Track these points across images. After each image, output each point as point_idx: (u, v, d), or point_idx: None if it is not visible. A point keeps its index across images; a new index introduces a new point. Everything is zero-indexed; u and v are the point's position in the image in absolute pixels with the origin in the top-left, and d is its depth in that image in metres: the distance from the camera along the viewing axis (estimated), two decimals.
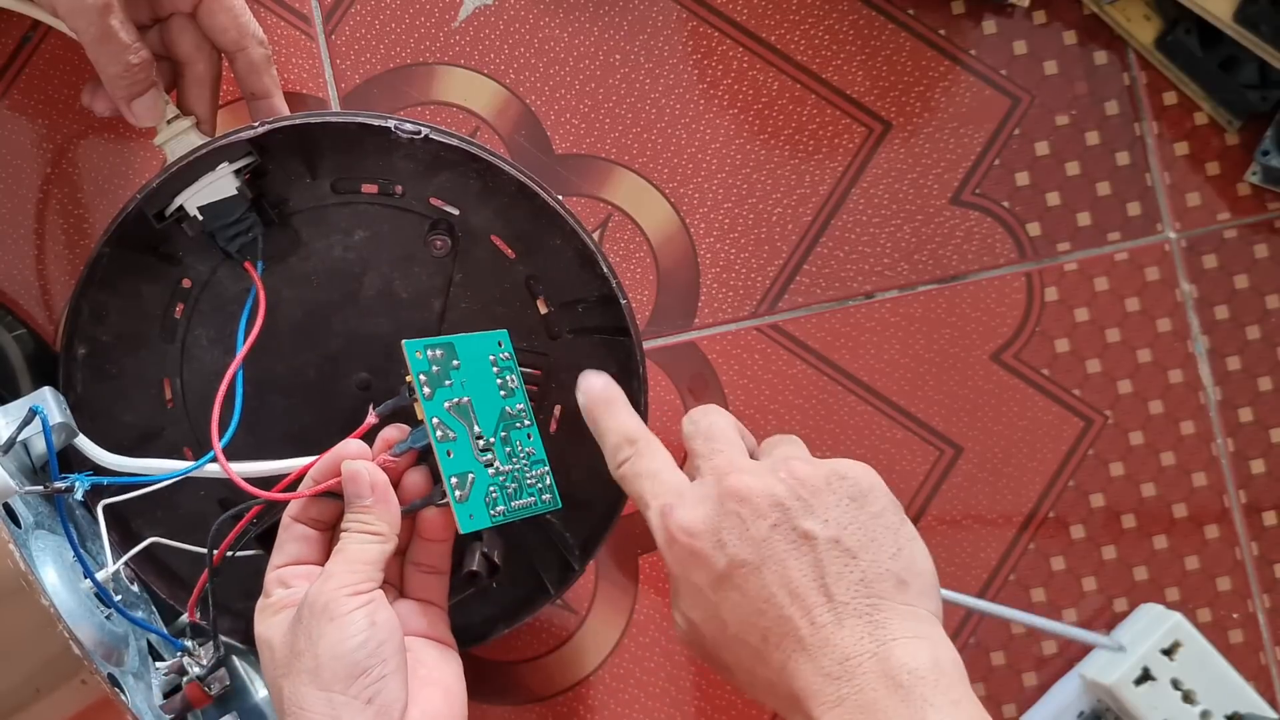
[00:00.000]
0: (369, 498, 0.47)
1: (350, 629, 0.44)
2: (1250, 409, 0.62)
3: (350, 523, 0.47)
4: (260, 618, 0.47)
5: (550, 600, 0.55)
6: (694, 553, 0.45)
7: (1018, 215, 0.62)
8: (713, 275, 0.62)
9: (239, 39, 0.54)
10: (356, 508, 0.47)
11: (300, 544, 0.48)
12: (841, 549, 0.43)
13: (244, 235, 0.51)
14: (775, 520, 0.43)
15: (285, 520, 0.48)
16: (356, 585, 0.45)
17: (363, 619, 0.44)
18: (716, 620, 0.44)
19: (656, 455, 0.49)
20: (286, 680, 0.44)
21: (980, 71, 0.62)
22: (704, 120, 0.62)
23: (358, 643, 0.43)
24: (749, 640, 0.43)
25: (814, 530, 0.43)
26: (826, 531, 0.43)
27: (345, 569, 0.45)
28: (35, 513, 0.50)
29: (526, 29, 0.62)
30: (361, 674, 0.43)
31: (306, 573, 0.47)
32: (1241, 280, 0.62)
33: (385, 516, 0.47)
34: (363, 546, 0.46)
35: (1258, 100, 0.61)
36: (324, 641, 0.43)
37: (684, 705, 0.61)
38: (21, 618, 0.43)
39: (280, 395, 0.54)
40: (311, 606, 0.44)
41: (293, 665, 0.44)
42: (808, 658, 0.41)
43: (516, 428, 0.50)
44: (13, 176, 0.61)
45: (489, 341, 0.51)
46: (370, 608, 0.44)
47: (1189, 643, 0.58)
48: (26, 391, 0.55)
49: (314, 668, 0.43)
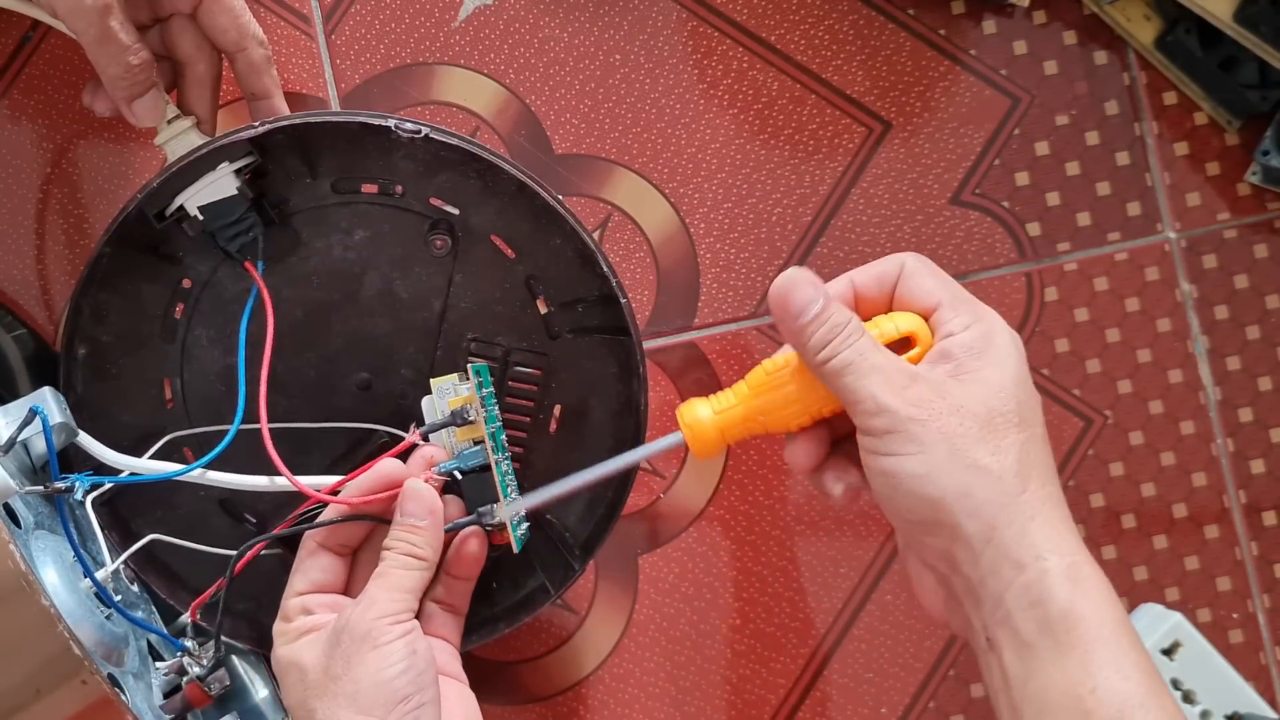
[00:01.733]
0: (425, 520, 0.47)
1: (392, 657, 0.44)
2: (1250, 409, 0.62)
3: (397, 542, 0.47)
4: (280, 640, 0.47)
5: (550, 600, 0.55)
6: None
7: (1018, 215, 0.62)
8: (713, 275, 0.62)
9: (239, 39, 0.54)
10: (407, 527, 0.47)
11: (324, 571, 0.49)
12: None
13: (244, 235, 0.51)
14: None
15: (309, 544, 0.49)
16: (398, 615, 0.46)
17: (403, 648, 0.45)
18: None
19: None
20: (320, 702, 0.45)
21: (980, 71, 0.62)
22: (704, 120, 0.62)
23: (399, 670, 0.44)
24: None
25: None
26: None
27: (387, 597, 0.46)
28: (35, 513, 0.50)
29: (526, 29, 0.62)
30: (401, 701, 0.44)
31: (332, 601, 0.48)
32: (1241, 280, 0.62)
33: (433, 543, 0.48)
34: (406, 573, 0.47)
35: (1258, 100, 0.61)
36: (365, 668, 0.44)
37: (684, 705, 0.61)
38: (22, 618, 0.43)
39: (280, 395, 0.54)
40: (352, 633, 0.45)
41: (328, 688, 0.45)
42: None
43: (506, 456, 0.51)
44: (13, 176, 0.61)
45: (483, 372, 0.51)
46: (410, 637, 0.45)
47: (1189, 643, 0.58)
48: (26, 391, 0.54)
49: (353, 692, 0.44)
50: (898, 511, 0.43)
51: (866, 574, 0.61)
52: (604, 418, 0.54)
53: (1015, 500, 0.41)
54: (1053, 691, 0.39)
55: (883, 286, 0.45)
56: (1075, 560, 0.40)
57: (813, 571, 0.61)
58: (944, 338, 0.43)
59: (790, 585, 0.61)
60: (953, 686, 0.61)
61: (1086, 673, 0.39)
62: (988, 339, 0.43)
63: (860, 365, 0.42)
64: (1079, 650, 0.39)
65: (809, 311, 0.43)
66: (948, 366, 0.43)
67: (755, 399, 0.45)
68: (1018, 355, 0.43)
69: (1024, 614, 0.40)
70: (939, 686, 0.61)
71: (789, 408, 0.45)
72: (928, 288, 0.45)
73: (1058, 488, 0.42)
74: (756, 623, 0.61)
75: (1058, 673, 0.39)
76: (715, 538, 0.61)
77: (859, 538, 0.61)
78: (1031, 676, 0.40)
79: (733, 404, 0.45)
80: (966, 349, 0.43)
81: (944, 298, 0.44)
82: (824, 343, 0.43)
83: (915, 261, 0.45)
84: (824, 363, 0.43)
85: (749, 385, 0.45)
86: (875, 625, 0.61)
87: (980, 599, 0.41)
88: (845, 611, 0.61)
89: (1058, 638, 0.39)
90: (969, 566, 0.41)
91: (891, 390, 0.42)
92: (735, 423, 0.45)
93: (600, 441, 0.54)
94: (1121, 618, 0.40)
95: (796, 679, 0.61)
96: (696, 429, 0.45)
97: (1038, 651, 0.40)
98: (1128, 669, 0.39)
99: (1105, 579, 0.41)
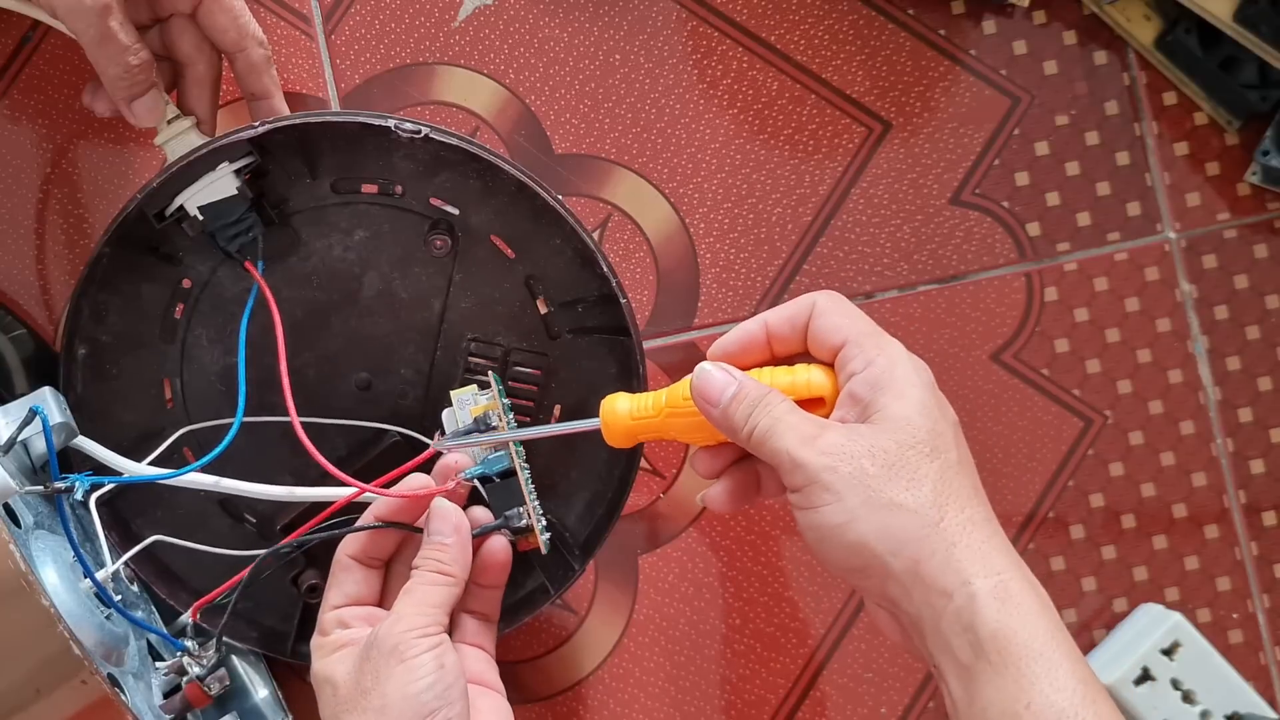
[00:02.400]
0: (451, 537, 0.48)
1: (420, 671, 0.45)
2: (1250, 409, 0.62)
3: (425, 560, 0.48)
4: (317, 655, 0.48)
5: (550, 600, 0.55)
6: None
7: (1017, 215, 0.62)
8: (713, 275, 0.62)
9: (239, 40, 0.54)
10: (435, 545, 0.48)
11: (358, 584, 0.49)
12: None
13: (244, 235, 0.52)
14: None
15: (342, 559, 0.49)
16: (425, 628, 0.46)
17: (431, 661, 0.45)
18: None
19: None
20: (351, 716, 0.45)
21: (980, 71, 0.62)
22: (704, 120, 0.62)
23: (426, 684, 0.45)
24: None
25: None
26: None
27: (415, 611, 0.46)
28: (35, 513, 0.50)
29: (526, 29, 0.62)
30: (429, 714, 0.44)
31: (367, 614, 0.49)
32: (1241, 280, 0.62)
33: (461, 559, 0.48)
34: (433, 589, 0.47)
35: (1258, 100, 0.61)
36: (393, 682, 0.45)
37: (684, 705, 0.61)
38: (22, 618, 0.43)
39: (280, 395, 0.54)
40: (380, 647, 0.45)
41: (358, 703, 0.45)
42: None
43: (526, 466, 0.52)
44: (13, 176, 0.61)
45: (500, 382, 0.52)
46: (439, 650, 0.46)
47: (1189, 643, 0.58)
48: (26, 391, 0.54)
49: (381, 706, 0.44)
50: (829, 561, 0.44)
51: None
52: None
53: (934, 531, 0.41)
54: (992, 711, 0.40)
55: (794, 327, 0.47)
56: (1002, 579, 0.41)
57: (813, 571, 0.61)
58: (848, 378, 0.44)
59: (790, 585, 0.61)
60: None
61: (1021, 689, 0.39)
62: (889, 372, 0.44)
63: (776, 428, 0.43)
64: (1012, 668, 0.40)
65: (725, 394, 0.45)
66: (856, 409, 0.44)
67: (670, 418, 0.47)
68: (920, 382, 0.44)
69: (959, 639, 0.41)
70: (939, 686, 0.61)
71: (698, 433, 0.47)
72: (835, 325, 0.45)
73: (982, 508, 0.43)
74: (756, 623, 0.61)
75: (994, 692, 0.40)
76: (715, 538, 0.61)
77: None
78: (973, 700, 0.40)
79: (649, 414, 0.47)
80: (869, 385, 0.44)
81: (850, 335, 0.45)
82: (744, 418, 0.44)
83: (826, 300, 0.46)
84: (748, 437, 0.44)
85: (668, 404, 0.47)
86: (875, 625, 0.61)
87: (922, 631, 0.42)
88: (845, 611, 0.61)
89: (990, 659, 0.40)
90: (905, 602, 0.42)
91: (803, 444, 0.43)
92: (646, 430, 0.48)
93: (600, 441, 0.54)
94: (1053, 629, 0.41)
95: (796, 679, 0.61)
96: (612, 423, 0.48)
97: (974, 674, 0.40)
98: (1061, 680, 0.39)
99: (1036, 591, 0.41)
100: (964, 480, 0.43)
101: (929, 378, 0.45)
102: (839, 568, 0.43)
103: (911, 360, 0.45)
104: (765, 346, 0.47)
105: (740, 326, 0.47)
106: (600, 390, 0.54)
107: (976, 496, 0.43)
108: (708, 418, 0.45)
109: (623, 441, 0.48)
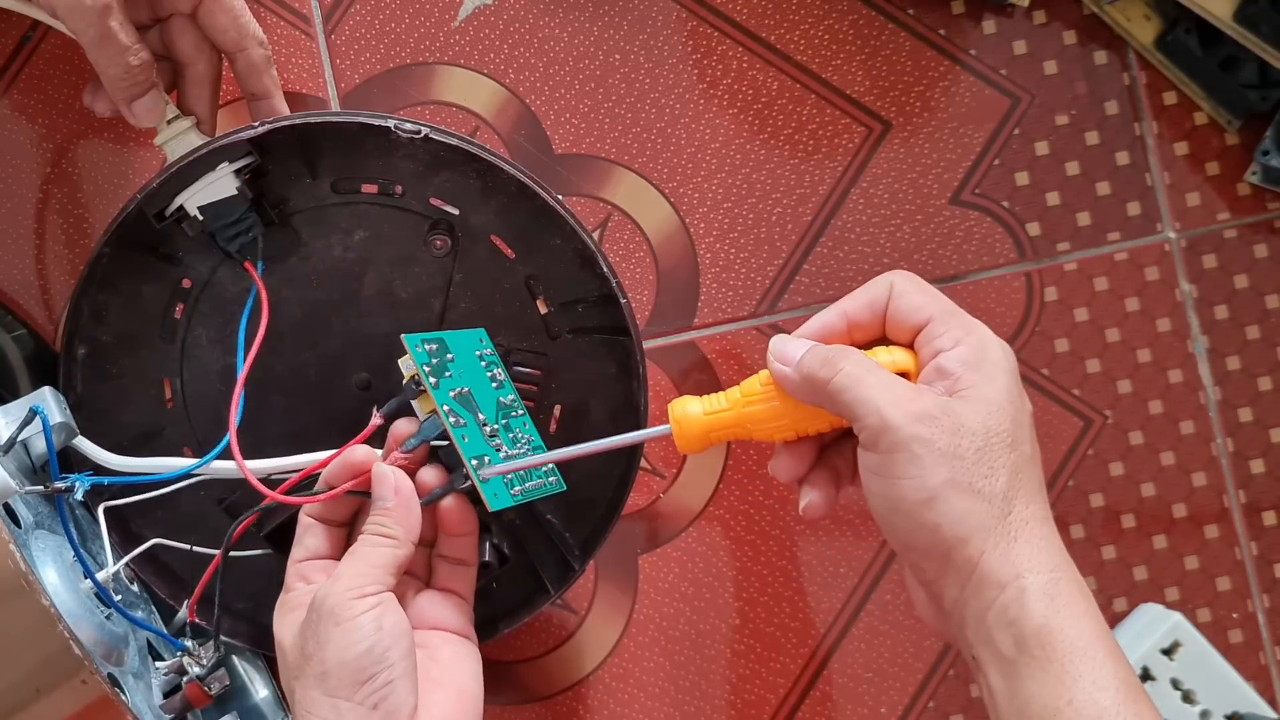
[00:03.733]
0: (392, 500, 0.47)
1: (356, 634, 0.43)
2: (1250, 409, 0.62)
3: (369, 524, 0.47)
4: (280, 613, 0.47)
5: (550, 600, 0.55)
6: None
7: (1017, 215, 0.62)
8: (712, 275, 0.62)
9: (239, 40, 0.54)
10: (378, 510, 0.47)
11: (319, 538, 0.48)
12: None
13: (244, 235, 0.52)
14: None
15: (304, 519, 0.49)
16: (364, 588, 0.44)
17: (369, 623, 0.44)
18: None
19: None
20: (298, 683, 0.44)
21: (980, 71, 0.62)
22: (704, 120, 0.62)
23: (364, 648, 0.43)
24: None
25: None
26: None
27: (354, 570, 0.45)
28: (35, 513, 0.50)
29: (526, 29, 0.62)
30: (368, 680, 0.43)
31: (324, 566, 0.48)
32: (1241, 280, 0.62)
33: (404, 521, 0.47)
34: (374, 550, 0.46)
35: (1258, 100, 0.61)
36: (331, 646, 0.43)
37: (684, 705, 0.61)
38: (22, 618, 0.43)
39: (280, 395, 0.54)
40: (319, 609, 0.44)
41: (303, 669, 0.44)
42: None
43: (514, 416, 0.51)
44: (13, 176, 0.61)
45: (472, 338, 0.51)
46: (378, 610, 0.44)
47: (1189, 643, 0.58)
48: (26, 391, 0.55)
49: (321, 673, 0.43)
50: (895, 533, 0.43)
51: (866, 574, 0.61)
52: (604, 418, 0.54)
53: (1001, 523, 0.41)
54: (1034, 706, 0.40)
55: (875, 312, 0.45)
56: (1055, 576, 0.41)
57: (813, 571, 0.61)
58: (935, 354, 0.43)
59: (790, 585, 0.61)
60: (953, 686, 0.61)
61: (1064, 685, 0.39)
62: (981, 353, 0.43)
63: (866, 379, 0.42)
64: (1055, 664, 0.40)
65: (799, 353, 0.44)
66: (944, 383, 0.43)
67: (746, 407, 0.45)
68: (1010, 369, 0.43)
69: (1003, 632, 0.40)
70: (939, 686, 0.61)
71: (778, 421, 0.45)
72: (917, 304, 0.44)
73: (1043, 504, 0.42)
74: (756, 623, 0.61)
75: (1036, 687, 0.40)
76: (715, 538, 0.61)
77: (859, 538, 0.61)
78: (1014, 693, 0.40)
79: (724, 408, 0.46)
80: (961, 363, 0.43)
81: (934, 313, 0.44)
82: (823, 361, 0.43)
83: (904, 281, 0.45)
84: (827, 381, 0.43)
85: (743, 393, 0.46)
86: (875, 625, 0.61)
87: (965, 619, 0.42)
88: (845, 611, 0.61)
89: (1034, 653, 0.40)
90: (955, 589, 0.42)
91: (895, 404, 0.41)
92: (722, 426, 0.46)
93: None
94: (1099, 629, 0.41)
95: (796, 679, 0.61)
96: (685, 424, 0.46)
97: (1017, 668, 0.40)
98: (1104, 680, 0.39)
99: (1085, 591, 0.41)
100: (1034, 474, 0.43)
101: (1015, 365, 0.44)
102: (903, 543, 0.43)
103: (1001, 345, 0.44)
104: (844, 335, 0.45)
105: (817, 317, 0.46)
106: (600, 390, 0.54)
107: (1040, 492, 0.43)
108: (784, 382, 0.44)
109: (697, 444, 0.46)
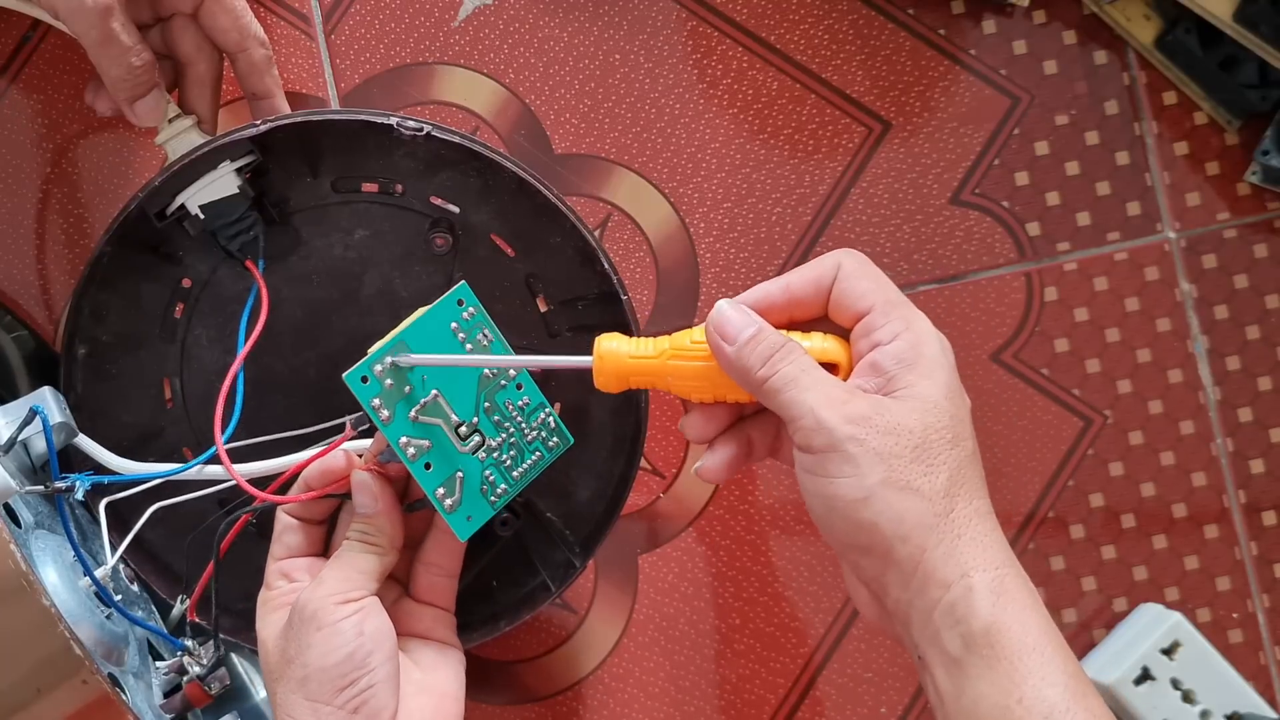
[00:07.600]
0: (374, 508, 0.47)
1: (337, 640, 0.44)
2: (1250, 409, 0.62)
3: (352, 531, 0.47)
4: (262, 612, 0.47)
5: (551, 598, 0.55)
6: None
7: (1017, 215, 0.62)
8: (712, 275, 0.62)
9: (240, 40, 0.54)
10: (359, 517, 0.47)
11: (298, 536, 0.48)
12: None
13: (245, 234, 0.52)
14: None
15: (283, 518, 0.49)
16: (347, 593, 0.45)
17: (350, 629, 0.44)
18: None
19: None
20: (279, 685, 0.44)
21: (980, 71, 0.62)
22: (704, 120, 0.62)
23: (345, 654, 0.44)
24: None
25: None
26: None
27: (337, 576, 0.45)
28: (35, 513, 0.50)
29: (526, 29, 0.62)
30: (348, 685, 0.43)
31: (309, 565, 0.48)
32: (1241, 280, 0.63)
33: (387, 529, 0.47)
34: (357, 556, 0.46)
35: (1258, 100, 0.61)
36: (312, 651, 0.44)
37: (684, 705, 0.61)
38: (22, 617, 0.43)
39: (280, 395, 0.54)
40: (301, 613, 0.44)
41: (285, 672, 0.44)
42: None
43: (500, 388, 0.49)
44: (13, 176, 0.61)
45: (447, 309, 0.48)
46: (359, 616, 0.44)
47: (1189, 642, 0.58)
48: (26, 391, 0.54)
49: (302, 677, 0.44)
50: (832, 532, 0.42)
51: None
52: (604, 416, 0.54)
53: (943, 520, 0.41)
54: (983, 705, 0.39)
55: (819, 290, 0.44)
56: (1000, 573, 0.40)
57: (812, 571, 0.61)
58: (873, 346, 0.43)
59: (790, 585, 0.61)
60: None
61: (1013, 683, 0.39)
62: (918, 349, 0.42)
63: (801, 380, 0.42)
64: (1004, 662, 0.39)
65: (744, 334, 0.43)
66: (879, 380, 0.42)
67: (672, 360, 0.45)
68: (947, 365, 0.43)
69: (950, 631, 0.40)
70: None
71: (698, 381, 0.45)
72: (861, 291, 0.44)
73: (985, 500, 0.42)
74: (756, 623, 0.61)
75: (986, 686, 0.39)
76: (715, 538, 0.61)
77: None
78: (962, 692, 0.40)
79: (650, 354, 0.45)
80: (897, 360, 0.42)
81: (876, 302, 0.43)
82: (764, 359, 0.42)
83: (852, 262, 0.44)
84: (765, 380, 0.42)
85: (672, 345, 0.45)
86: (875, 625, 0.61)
87: (910, 619, 0.41)
88: (845, 611, 0.61)
89: (982, 652, 0.40)
90: (898, 588, 0.41)
91: (831, 406, 0.41)
92: (643, 373, 0.45)
93: (600, 440, 0.54)
94: (1045, 625, 0.40)
95: (796, 679, 0.61)
96: (606, 361, 0.45)
97: (965, 667, 0.40)
98: (1053, 676, 0.39)
99: (1029, 586, 0.41)
100: (975, 471, 0.42)
101: (953, 360, 0.43)
102: (841, 543, 0.42)
103: (939, 339, 0.43)
104: (784, 309, 0.45)
105: (760, 286, 0.45)
106: (600, 390, 0.54)
107: (982, 488, 0.42)
108: (720, 358, 0.43)
109: (614, 384, 0.45)
